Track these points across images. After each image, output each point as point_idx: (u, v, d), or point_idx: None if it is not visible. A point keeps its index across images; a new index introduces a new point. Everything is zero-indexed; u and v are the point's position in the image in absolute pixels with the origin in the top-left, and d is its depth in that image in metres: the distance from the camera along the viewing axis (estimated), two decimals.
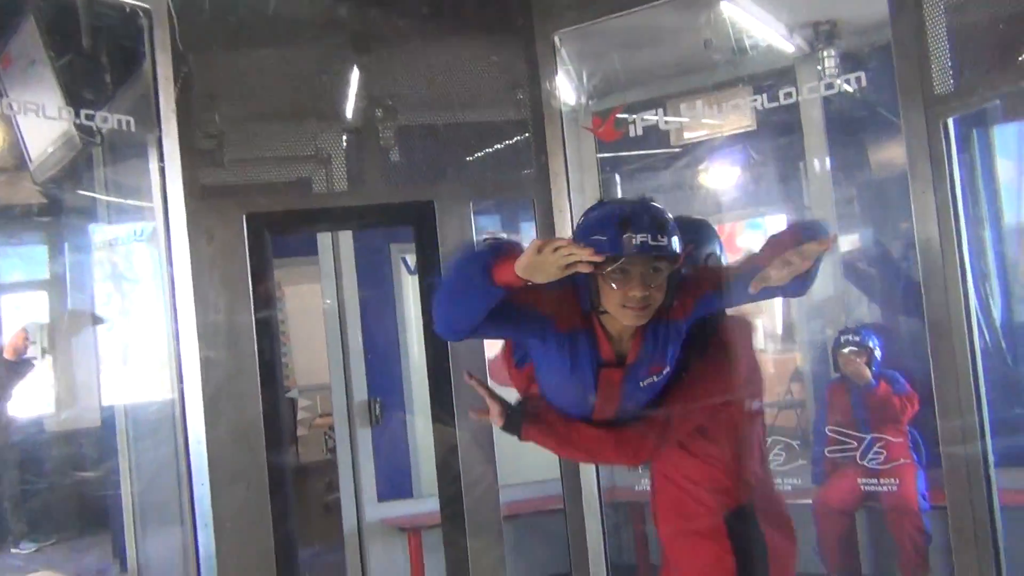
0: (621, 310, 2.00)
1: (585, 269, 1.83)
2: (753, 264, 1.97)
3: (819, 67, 4.03)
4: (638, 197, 2.18)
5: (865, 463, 4.09)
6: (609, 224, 1.96)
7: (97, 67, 3.63)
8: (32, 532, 6.37)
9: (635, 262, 1.96)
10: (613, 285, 1.98)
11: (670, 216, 2.05)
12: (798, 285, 1.98)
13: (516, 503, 4.44)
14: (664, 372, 2.17)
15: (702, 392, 2.25)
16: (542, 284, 1.91)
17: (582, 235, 1.99)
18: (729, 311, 2.34)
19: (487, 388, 2.30)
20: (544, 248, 1.80)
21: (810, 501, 4.25)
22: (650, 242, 1.93)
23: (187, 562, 3.67)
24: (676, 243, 1.99)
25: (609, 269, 1.95)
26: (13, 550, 6.21)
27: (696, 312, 2.13)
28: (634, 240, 1.92)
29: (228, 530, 3.31)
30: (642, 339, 2.12)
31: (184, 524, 3.62)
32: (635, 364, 2.13)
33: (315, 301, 5.45)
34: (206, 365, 3.36)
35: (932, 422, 3.24)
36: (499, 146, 3.79)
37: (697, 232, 2.47)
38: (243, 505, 3.33)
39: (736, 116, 3.93)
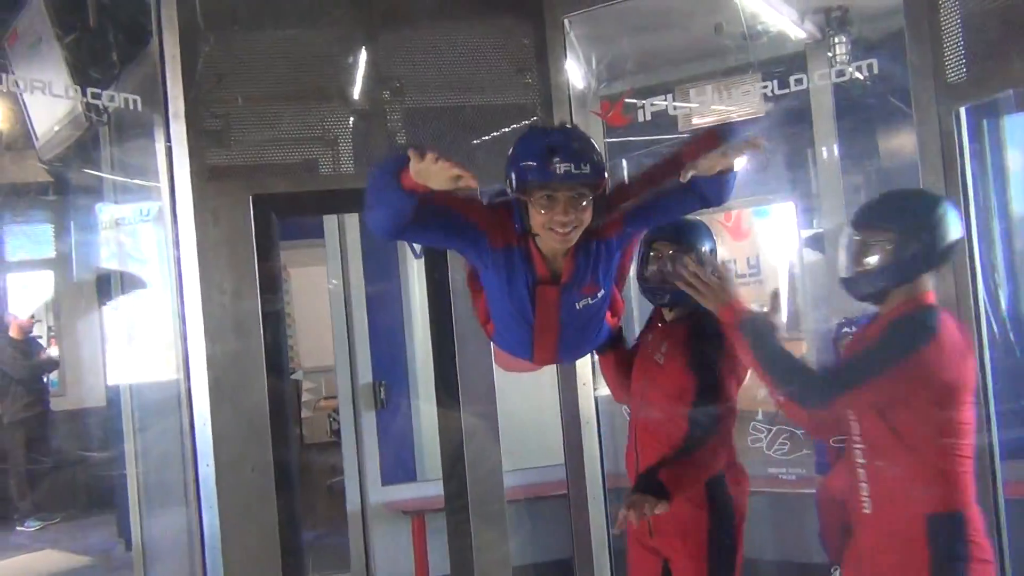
0: (547, 232, 2.12)
1: (470, 183, 1.92)
2: (677, 162, 2.16)
3: (830, 54, 3.99)
4: (561, 124, 2.42)
5: None
6: (536, 152, 2.07)
7: (104, 45, 3.62)
8: (38, 510, 6.42)
9: (560, 188, 2.07)
10: (541, 210, 2.09)
11: (594, 144, 2.19)
12: (719, 188, 2.17)
13: (520, 488, 4.44)
14: (600, 294, 2.30)
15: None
16: (473, 198, 2.19)
17: (513, 161, 2.11)
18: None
19: None
20: (427, 158, 1.90)
21: (813, 491, 4.25)
22: (573, 170, 2.04)
23: (192, 542, 3.69)
24: (600, 170, 2.09)
25: (535, 197, 2.08)
26: (19, 528, 6.26)
27: (628, 228, 2.27)
28: (559, 168, 2.04)
29: (232, 511, 3.31)
30: (574, 258, 2.23)
31: (189, 505, 3.64)
32: (569, 283, 2.24)
33: (320, 283, 5.45)
34: (211, 346, 3.35)
35: None
36: (507, 130, 3.77)
37: (692, 232, 2.64)
38: (248, 487, 3.33)
39: (745, 102, 3.91)
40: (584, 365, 3.70)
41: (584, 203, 2.10)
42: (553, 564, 4.27)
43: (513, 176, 2.11)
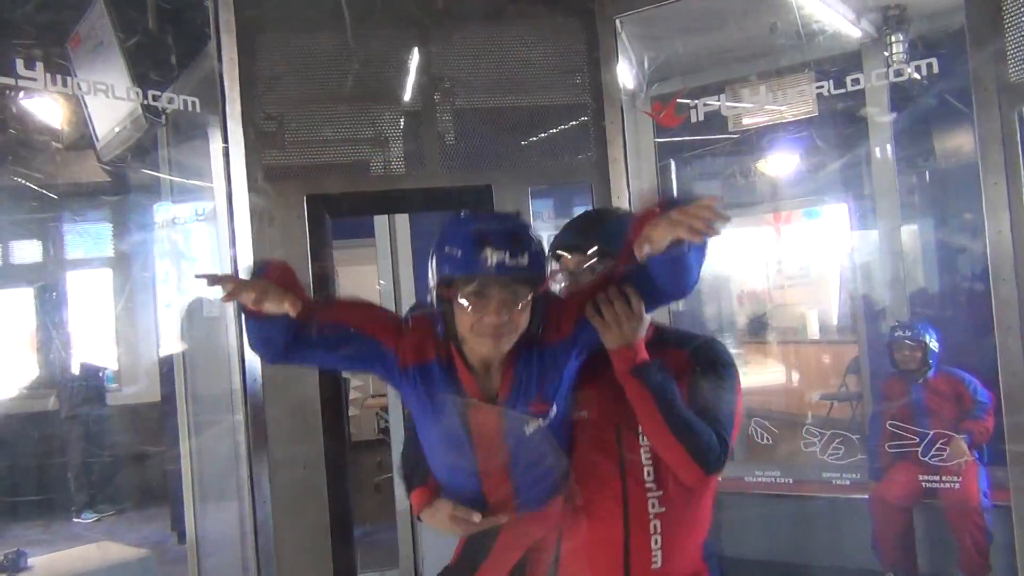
0: (479, 338, 1.73)
1: (245, 299, 1.64)
2: (628, 250, 1.70)
3: (887, 53, 3.94)
4: (503, 212, 1.97)
5: (927, 459, 4.02)
6: (463, 240, 1.69)
7: (164, 48, 3.70)
8: (93, 503, 6.57)
9: (491, 284, 1.68)
10: (468, 310, 1.70)
11: (536, 235, 1.78)
12: (674, 268, 1.69)
13: None
14: (551, 413, 1.83)
15: None
16: (375, 306, 1.86)
17: (438, 250, 1.74)
18: None
19: None
20: (227, 283, 1.65)
21: (866, 496, 4.19)
22: (507, 262, 1.66)
23: (244, 536, 3.75)
24: (540, 265, 1.74)
25: (465, 292, 1.69)
26: (75, 520, 6.42)
27: (578, 334, 1.82)
28: (490, 260, 1.66)
29: (285, 507, 3.36)
30: (512, 369, 1.80)
31: (243, 500, 3.70)
32: (509, 399, 1.80)
33: (369, 282, 5.48)
34: None
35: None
36: (557, 130, 3.77)
37: (602, 234, 2.04)
38: (300, 483, 3.37)
39: (799, 102, 3.86)
40: None
41: (520, 304, 1.71)
42: None
43: (434, 268, 1.73)
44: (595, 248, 1.97)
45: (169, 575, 4.98)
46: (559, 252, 2.02)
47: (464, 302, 1.70)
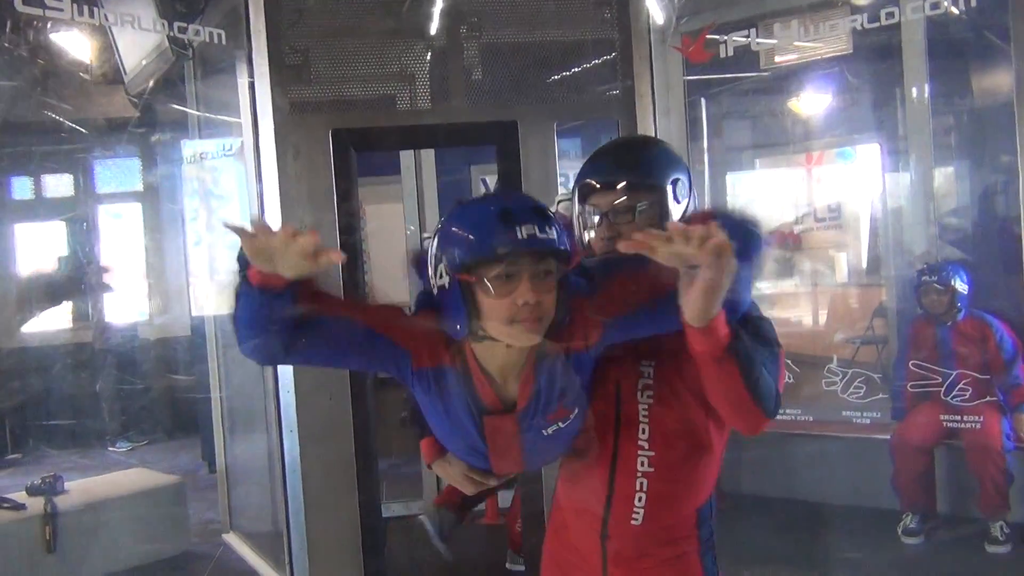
0: (510, 327, 1.54)
1: (336, 259, 1.42)
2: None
3: None
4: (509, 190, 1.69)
5: (949, 399, 4.02)
6: (486, 219, 1.53)
7: None
8: (127, 432, 6.74)
9: (522, 262, 1.51)
10: (498, 296, 1.52)
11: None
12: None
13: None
14: (572, 416, 1.72)
15: None
16: (386, 305, 1.69)
17: (450, 239, 1.55)
18: None
19: None
20: (258, 232, 1.40)
21: (888, 436, 4.21)
22: (539, 235, 1.50)
23: (272, 466, 3.84)
24: (566, 238, 1.57)
25: (493, 274, 1.51)
26: (110, 448, 6.60)
27: (605, 340, 1.66)
28: (520, 232, 1.49)
29: (312, 437, 3.43)
30: (534, 379, 1.66)
31: (270, 430, 3.78)
32: (527, 410, 1.68)
33: (395, 221, 5.50)
34: None
35: None
36: (585, 66, 3.72)
37: (657, 165, 1.82)
38: (326, 413, 3.43)
39: (832, 38, 3.78)
40: None
41: (552, 284, 1.54)
42: None
43: (453, 256, 1.53)
44: (630, 182, 1.77)
45: (201, 501, 5.12)
46: (588, 185, 1.82)
47: (490, 287, 1.52)
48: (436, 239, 1.59)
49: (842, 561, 4.01)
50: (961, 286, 4.13)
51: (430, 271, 1.61)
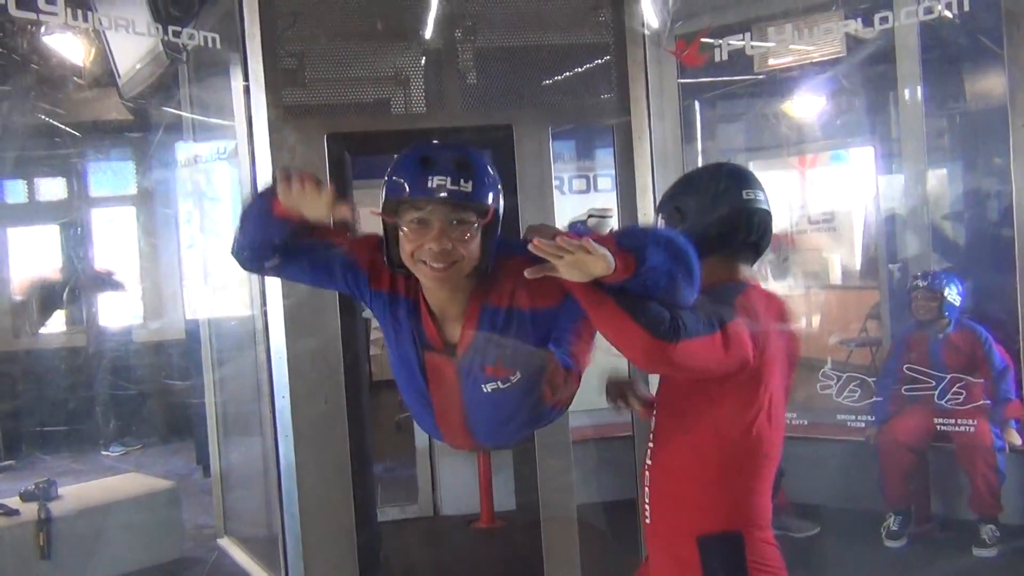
0: (417, 265, 1.69)
1: (345, 212, 1.66)
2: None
3: None
4: (463, 144, 1.82)
5: (943, 403, 4.01)
6: (408, 165, 1.68)
7: None
8: (121, 437, 6.72)
9: (435, 210, 1.65)
10: (410, 236, 1.67)
11: (487, 164, 1.74)
12: (657, 290, 1.60)
13: (588, 428, 4.49)
14: (513, 379, 1.79)
15: None
16: (372, 236, 1.81)
17: (388, 176, 1.72)
18: None
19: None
20: (296, 181, 1.64)
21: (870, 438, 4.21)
22: (448, 186, 1.63)
23: (267, 470, 3.83)
24: (487, 194, 1.70)
25: (408, 217, 1.67)
26: (104, 452, 6.57)
27: (562, 307, 1.74)
28: (431, 182, 1.64)
29: (307, 442, 3.42)
30: (474, 323, 1.77)
31: (265, 435, 3.77)
32: (467, 355, 1.79)
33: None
34: (287, 283, 3.43)
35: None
36: (579, 70, 3.72)
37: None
38: (321, 418, 3.42)
39: (826, 42, 3.79)
40: None
41: (467, 233, 1.67)
42: (618, 503, 4.33)
43: (383, 192, 1.72)
44: None
45: (196, 506, 5.10)
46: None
47: (406, 228, 1.67)
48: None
49: (835, 563, 4.01)
50: (953, 296, 4.12)
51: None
